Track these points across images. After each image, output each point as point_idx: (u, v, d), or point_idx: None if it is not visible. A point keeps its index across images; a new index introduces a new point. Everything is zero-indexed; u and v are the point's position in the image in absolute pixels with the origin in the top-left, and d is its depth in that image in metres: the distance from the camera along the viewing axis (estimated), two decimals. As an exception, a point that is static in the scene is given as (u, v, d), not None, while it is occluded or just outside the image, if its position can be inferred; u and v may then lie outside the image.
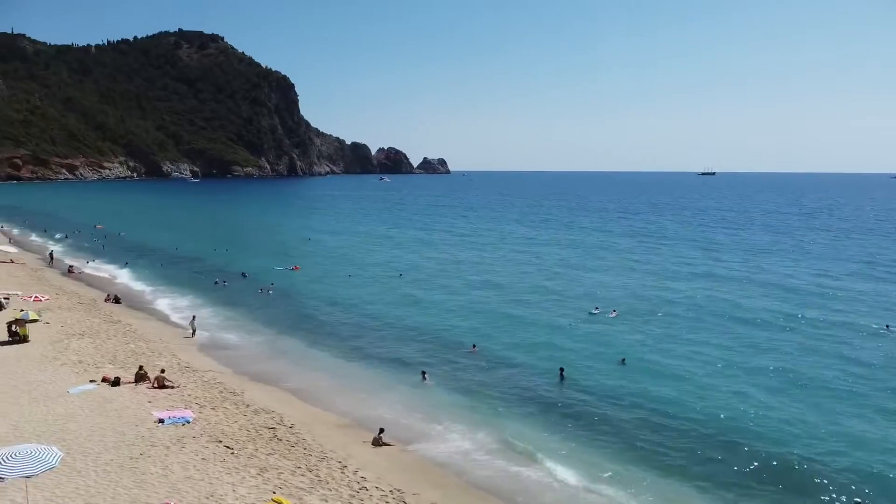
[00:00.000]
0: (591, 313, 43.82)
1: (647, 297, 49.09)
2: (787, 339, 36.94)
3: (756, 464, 22.03)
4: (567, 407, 27.25)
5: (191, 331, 38.35)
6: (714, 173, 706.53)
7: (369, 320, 42.83)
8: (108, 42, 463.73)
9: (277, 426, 23.52)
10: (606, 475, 21.26)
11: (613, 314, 43.25)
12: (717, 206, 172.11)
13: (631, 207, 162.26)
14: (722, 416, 25.99)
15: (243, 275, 58.30)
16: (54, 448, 17.00)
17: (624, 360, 33.06)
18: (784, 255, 71.28)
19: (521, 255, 72.95)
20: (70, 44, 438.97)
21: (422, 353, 35.09)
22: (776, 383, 29.62)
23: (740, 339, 37.03)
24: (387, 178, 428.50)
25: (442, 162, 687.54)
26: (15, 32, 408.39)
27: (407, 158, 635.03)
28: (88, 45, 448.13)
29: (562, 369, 31.16)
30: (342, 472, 20.09)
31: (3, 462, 15.75)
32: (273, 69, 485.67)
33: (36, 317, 35.46)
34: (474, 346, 35.83)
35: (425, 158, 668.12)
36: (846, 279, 56.68)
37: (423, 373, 31.10)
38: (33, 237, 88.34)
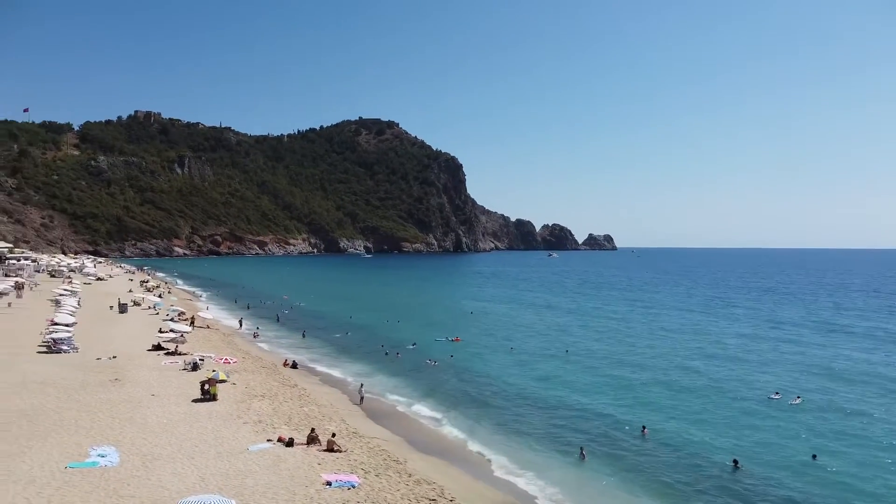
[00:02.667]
0: (769, 398, 40.24)
1: (830, 385, 44.34)
2: None
3: None
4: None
5: (360, 398, 39.87)
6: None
7: (532, 394, 42.19)
8: (298, 131, 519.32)
9: (438, 498, 23.46)
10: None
11: (797, 400, 39.38)
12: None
13: (808, 289, 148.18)
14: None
15: (413, 345, 60.08)
16: (233, 501, 18.20)
17: (815, 456, 29.72)
18: None
19: (689, 338, 69.14)
20: (266, 134, 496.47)
21: (584, 432, 33.86)
22: None
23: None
24: (555, 255, 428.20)
25: (608, 238, 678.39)
26: (223, 126, 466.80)
27: (571, 234, 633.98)
28: (282, 134, 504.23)
29: (735, 460, 28.68)
30: (500, 551, 19.52)
31: (189, 510, 17.13)
32: (442, 150, 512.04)
33: (224, 377, 38.84)
34: (644, 427, 33.98)
35: (590, 235, 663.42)
36: None
37: (582, 449, 30.00)
38: (227, 305, 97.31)
